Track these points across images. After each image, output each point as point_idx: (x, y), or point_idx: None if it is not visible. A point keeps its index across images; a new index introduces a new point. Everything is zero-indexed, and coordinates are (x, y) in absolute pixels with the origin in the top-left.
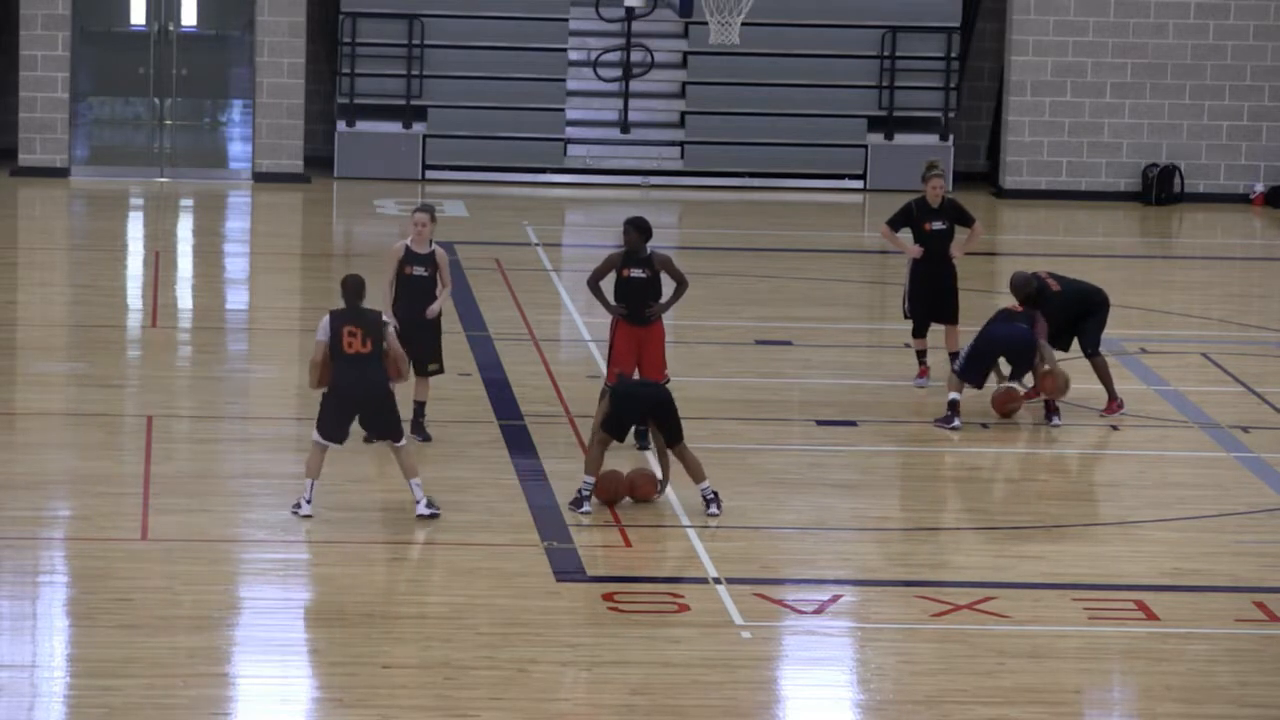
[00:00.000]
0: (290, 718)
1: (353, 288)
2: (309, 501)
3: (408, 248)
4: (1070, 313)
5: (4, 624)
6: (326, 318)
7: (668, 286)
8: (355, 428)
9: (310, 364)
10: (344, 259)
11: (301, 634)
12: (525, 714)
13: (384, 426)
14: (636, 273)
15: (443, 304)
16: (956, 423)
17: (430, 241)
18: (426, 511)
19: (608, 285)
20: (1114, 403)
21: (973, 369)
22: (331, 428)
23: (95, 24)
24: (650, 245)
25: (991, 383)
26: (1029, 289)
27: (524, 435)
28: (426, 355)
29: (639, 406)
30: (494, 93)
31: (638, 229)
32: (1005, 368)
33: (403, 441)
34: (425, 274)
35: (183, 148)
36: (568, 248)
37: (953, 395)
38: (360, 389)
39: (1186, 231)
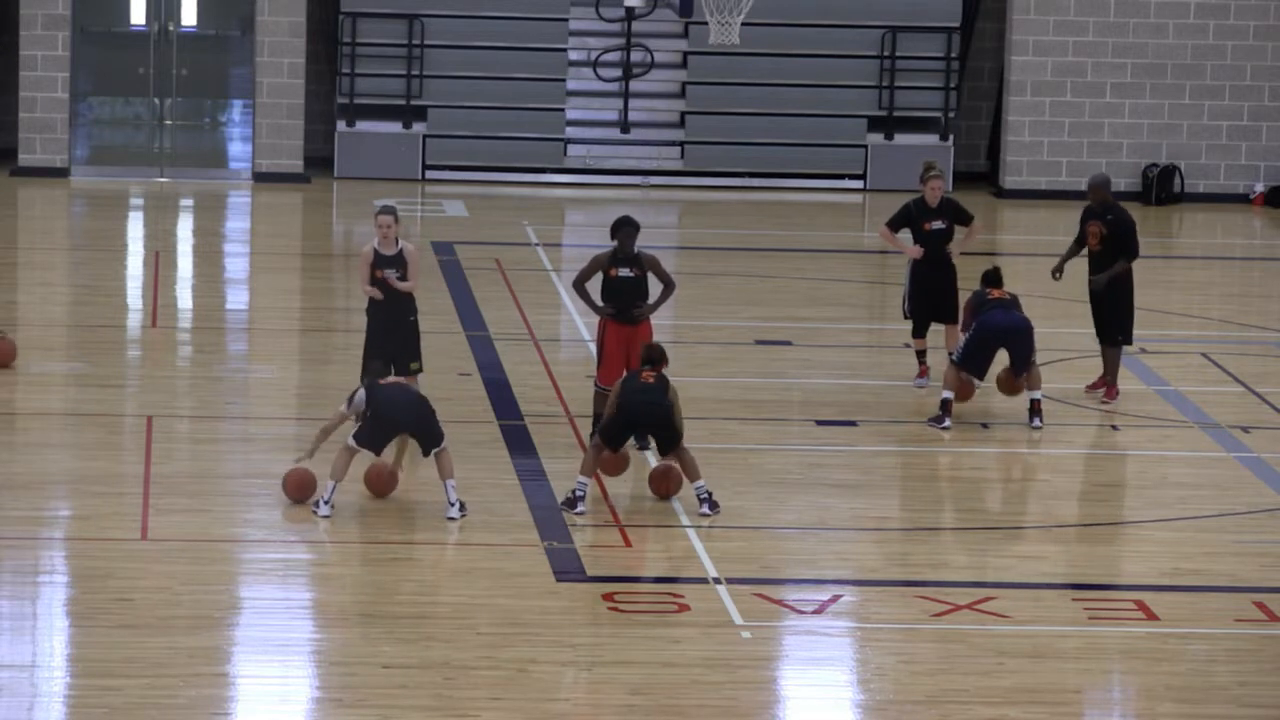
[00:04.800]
0: (290, 718)
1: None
2: (328, 502)
3: (376, 251)
4: (1121, 239)
5: (4, 624)
6: (362, 393)
7: (654, 286)
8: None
9: (322, 430)
10: (344, 259)
11: (301, 634)
12: (525, 714)
13: (430, 437)
14: (625, 272)
15: (410, 288)
16: (947, 422)
17: (397, 241)
18: (458, 515)
19: (594, 286)
20: (1112, 389)
21: (973, 359)
22: (370, 441)
23: (95, 24)
24: (637, 245)
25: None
26: (1106, 191)
27: (524, 435)
28: (407, 355)
29: (641, 425)
30: (494, 93)
31: (634, 228)
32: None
33: (443, 444)
34: (397, 275)
35: (183, 148)
36: (568, 248)
37: (945, 394)
38: (401, 405)
39: (1186, 231)
